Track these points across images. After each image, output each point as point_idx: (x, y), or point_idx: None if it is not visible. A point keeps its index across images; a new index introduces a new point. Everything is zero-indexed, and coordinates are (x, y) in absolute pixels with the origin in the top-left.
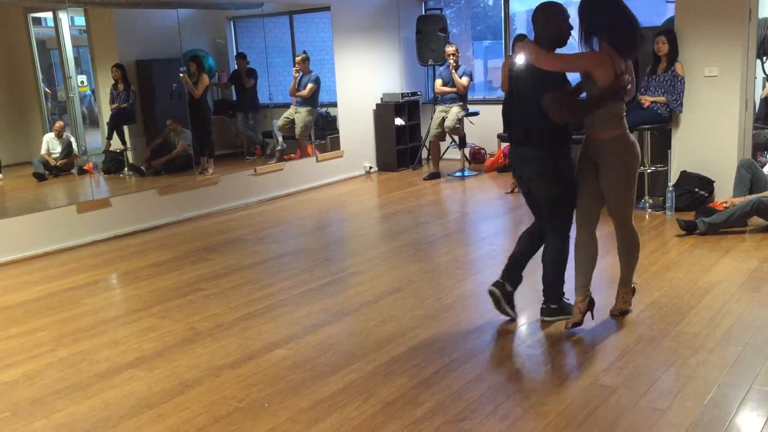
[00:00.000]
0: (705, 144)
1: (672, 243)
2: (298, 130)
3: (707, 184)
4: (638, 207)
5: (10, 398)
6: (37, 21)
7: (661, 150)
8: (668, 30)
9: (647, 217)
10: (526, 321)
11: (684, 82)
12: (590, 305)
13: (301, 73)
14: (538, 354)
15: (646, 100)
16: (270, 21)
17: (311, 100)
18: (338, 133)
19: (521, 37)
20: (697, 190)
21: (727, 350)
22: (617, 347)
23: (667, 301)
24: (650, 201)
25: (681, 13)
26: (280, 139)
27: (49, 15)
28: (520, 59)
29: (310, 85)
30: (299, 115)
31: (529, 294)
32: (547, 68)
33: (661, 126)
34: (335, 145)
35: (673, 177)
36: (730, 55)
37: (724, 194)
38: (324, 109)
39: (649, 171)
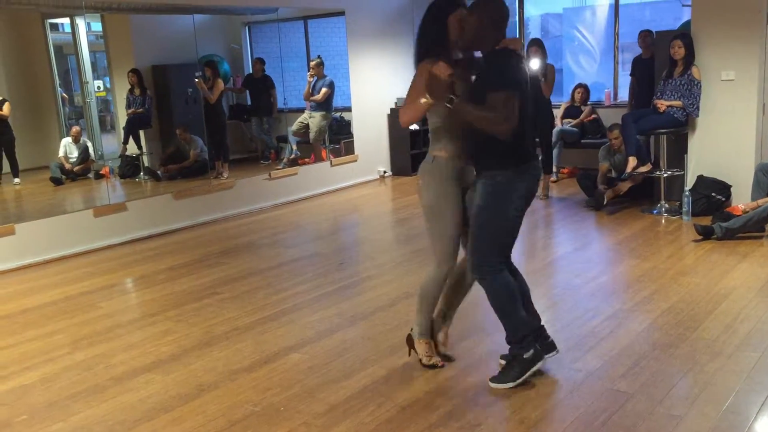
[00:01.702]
0: (722, 148)
1: (688, 248)
2: (312, 135)
3: (724, 188)
4: (653, 212)
5: (28, 401)
6: (55, 27)
7: (678, 154)
8: (684, 34)
9: (663, 221)
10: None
11: (700, 86)
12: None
13: (315, 78)
14: (553, 358)
15: (663, 104)
16: (285, 26)
17: (325, 105)
18: (352, 137)
19: (536, 42)
20: (713, 194)
21: (745, 356)
22: (633, 353)
23: (683, 306)
24: (666, 205)
25: (697, 17)
26: (294, 147)
27: (66, 21)
28: (534, 64)
29: (324, 90)
30: (314, 119)
31: (545, 302)
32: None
33: (678, 130)
34: (349, 149)
35: (690, 181)
36: (747, 59)
37: (742, 199)
38: (338, 114)
39: (665, 175)
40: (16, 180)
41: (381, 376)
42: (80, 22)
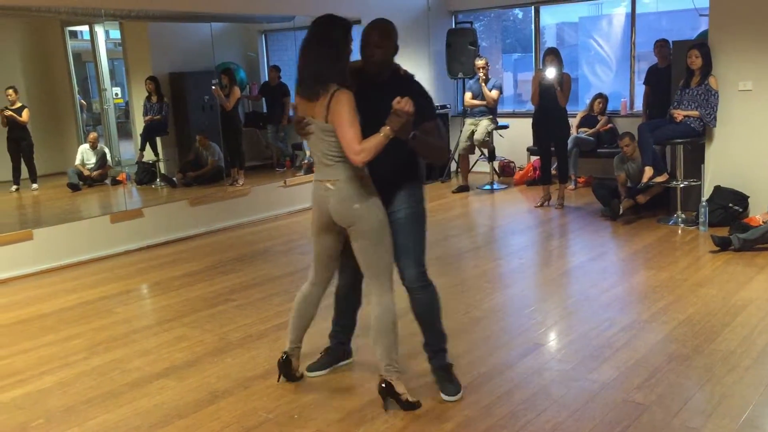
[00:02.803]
0: (739, 158)
1: (705, 259)
2: None
3: (742, 199)
4: (670, 222)
5: (44, 405)
6: (74, 34)
7: (695, 164)
8: (702, 44)
9: (680, 232)
10: (555, 336)
11: (718, 96)
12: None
13: None
14: (568, 369)
15: (679, 114)
16: (301, 34)
17: None
18: None
19: (552, 51)
20: (731, 205)
21: (763, 368)
22: (649, 364)
23: (700, 318)
24: (683, 216)
25: (715, 27)
26: (308, 153)
27: (85, 28)
28: (550, 73)
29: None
30: None
31: (560, 311)
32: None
33: (695, 140)
34: None
35: (707, 192)
36: (764, 69)
37: (760, 209)
38: None
39: (682, 186)
40: (34, 185)
41: None
42: (99, 30)
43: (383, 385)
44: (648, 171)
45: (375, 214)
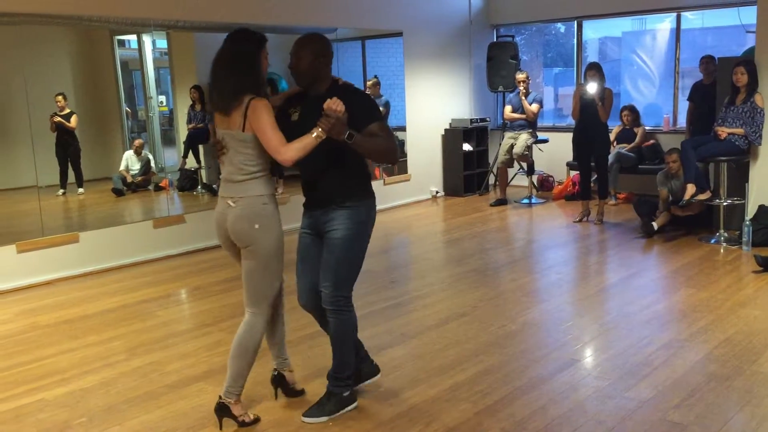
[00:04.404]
0: None
1: (748, 279)
2: None
3: None
4: (712, 241)
5: (87, 404)
6: (122, 43)
7: (738, 183)
8: (748, 60)
9: (722, 251)
10: (591, 353)
11: (763, 114)
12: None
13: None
14: (605, 386)
15: (724, 131)
16: (342, 46)
17: None
18: (406, 156)
19: (594, 65)
20: None
21: None
22: (688, 384)
23: (741, 338)
24: (725, 235)
25: (761, 44)
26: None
27: (133, 38)
28: (592, 88)
29: (380, 109)
30: None
31: (597, 328)
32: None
33: (739, 158)
34: (402, 168)
35: (751, 211)
36: None
37: None
38: None
39: (725, 204)
40: (80, 190)
41: (429, 396)
42: (146, 39)
43: (220, 404)
44: (690, 188)
45: (272, 238)
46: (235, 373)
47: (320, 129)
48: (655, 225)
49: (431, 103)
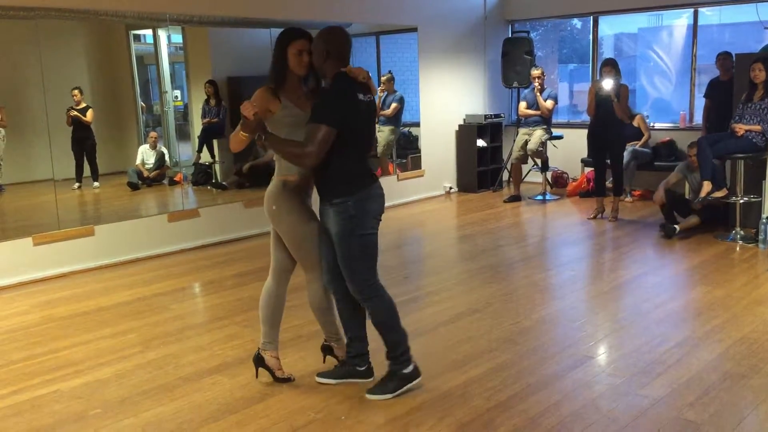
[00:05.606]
0: None
1: (764, 277)
2: (380, 149)
3: None
4: (728, 239)
5: (102, 395)
6: (137, 38)
7: (755, 180)
8: (765, 57)
9: (738, 249)
10: (605, 350)
11: None
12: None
13: (385, 93)
14: (619, 383)
15: (741, 128)
16: (357, 41)
17: (394, 120)
18: (419, 152)
19: (610, 61)
20: None
21: None
22: (703, 382)
23: (757, 336)
24: (742, 233)
25: None
26: None
27: (149, 32)
28: (607, 84)
29: (394, 105)
30: (382, 133)
31: (611, 325)
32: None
33: (756, 155)
34: (416, 164)
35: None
36: None
37: None
38: (406, 129)
39: (741, 201)
40: (96, 183)
41: (442, 391)
42: (162, 34)
43: (258, 355)
44: (706, 185)
45: (287, 221)
46: (269, 325)
47: (239, 126)
48: (677, 227)
49: (445, 99)
